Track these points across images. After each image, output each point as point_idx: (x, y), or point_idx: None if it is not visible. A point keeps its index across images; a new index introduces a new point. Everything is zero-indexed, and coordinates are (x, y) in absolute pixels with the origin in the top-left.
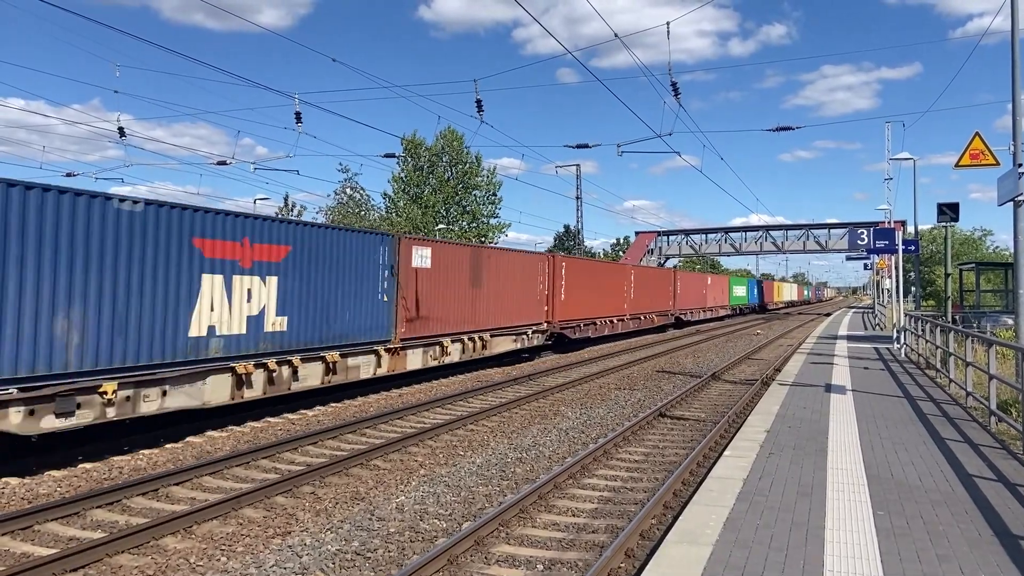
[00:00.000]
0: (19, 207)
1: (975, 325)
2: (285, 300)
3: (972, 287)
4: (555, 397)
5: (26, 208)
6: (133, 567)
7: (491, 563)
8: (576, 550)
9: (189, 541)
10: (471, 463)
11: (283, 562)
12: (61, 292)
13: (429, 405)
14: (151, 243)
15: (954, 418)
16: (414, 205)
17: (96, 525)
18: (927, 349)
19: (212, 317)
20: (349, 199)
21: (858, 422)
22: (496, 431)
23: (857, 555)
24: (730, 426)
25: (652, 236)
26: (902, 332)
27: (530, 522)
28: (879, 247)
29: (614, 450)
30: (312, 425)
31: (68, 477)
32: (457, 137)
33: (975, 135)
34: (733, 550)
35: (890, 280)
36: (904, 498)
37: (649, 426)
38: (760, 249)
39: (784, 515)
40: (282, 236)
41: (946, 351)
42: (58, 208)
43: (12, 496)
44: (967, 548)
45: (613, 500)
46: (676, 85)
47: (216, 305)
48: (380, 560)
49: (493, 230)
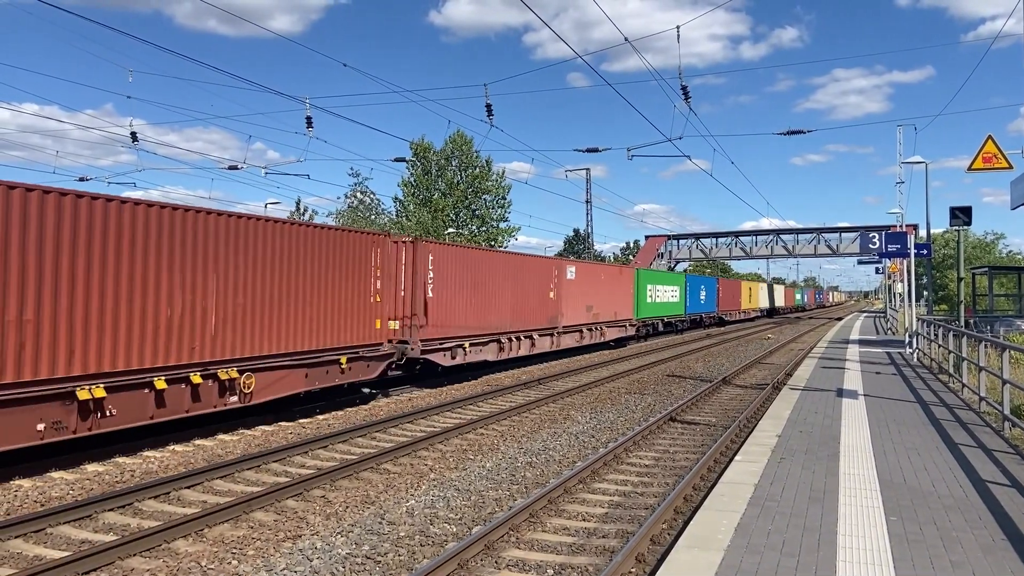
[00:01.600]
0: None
1: (988, 329)
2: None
3: (985, 291)
4: (565, 401)
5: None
6: (145, 570)
7: (501, 567)
8: (586, 555)
9: (200, 544)
10: (481, 467)
11: (294, 566)
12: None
13: (439, 409)
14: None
15: (967, 423)
16: (424, 209)
17: (108, 528)
18: (940, 353)
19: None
20: (360, 203)
21: (870, 427)
22: (506, 435)
23: (870, 561)
24: (741, 431)
25: (662, 240)
26: (914, 336)
27: (540, 526)
28: (891, 251)
29: (624, 454)
30: (323, 429)
31: (80, 480)
32: (466, 141)
33: (988, 138)
34: (745, 555)
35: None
36: (917, 503)
37: (659, 430)
38: (771, 253)
39: (796, 520)
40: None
41: (959, 355)
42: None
43: (25, 499)
44: (981, 554)
45: (623, 504)
46: (686, 89)
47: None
48: (390, 564)
49: (502, 234)
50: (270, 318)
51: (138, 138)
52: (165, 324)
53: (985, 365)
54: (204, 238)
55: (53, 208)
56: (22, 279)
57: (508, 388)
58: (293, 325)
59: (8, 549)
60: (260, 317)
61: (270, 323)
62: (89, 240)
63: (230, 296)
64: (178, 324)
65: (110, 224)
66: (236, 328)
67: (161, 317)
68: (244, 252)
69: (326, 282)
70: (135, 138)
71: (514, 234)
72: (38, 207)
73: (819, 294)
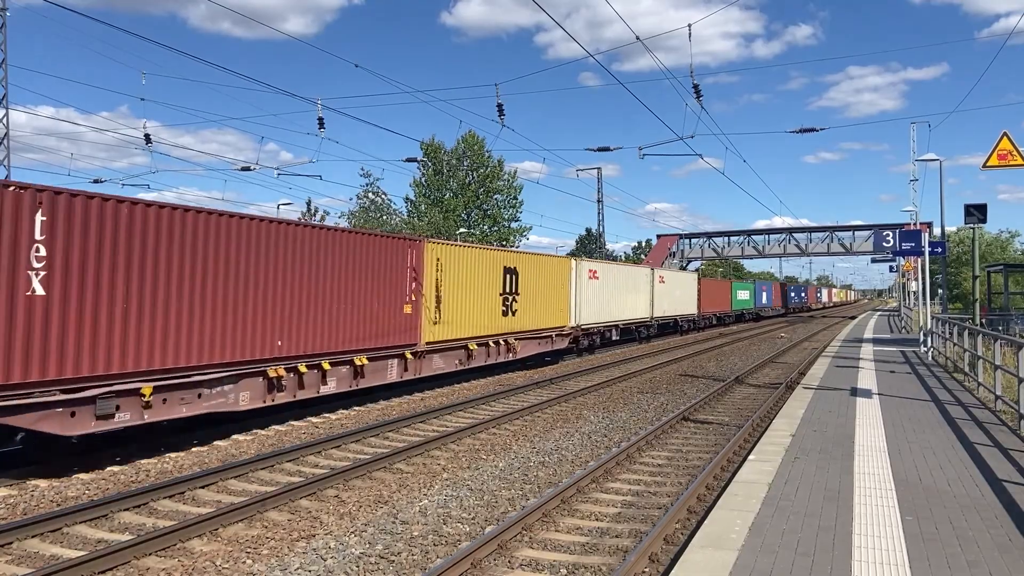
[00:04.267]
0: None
1: (1003, 328)
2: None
3: (1000, 289)
4: (577, 401)
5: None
6: (160, 569)
7: (514, 567)
8: (599, 554)
9: (215, 543)
10: (493, 467)
11: (308, 565)
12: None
13: (451, 408)
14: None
15: (983, 422)
16: (435, 209)
17: (124, 527)
18: (955, 352)
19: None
20: (371, 203)
21: (885, 426)
22: (518, 434)
23: (885, 560)
24: (754, 430)
25: (674, 239)
26: (929, 335)
27: (553, 526)
28: (905, 249)
29: (637, 454)
30: (335, 429)
31: (96, 480)
32: (478, 141)
33: (1003, 135)
34: (759, 555)
35: (916, 283)
36: (933, 503)
37: (672, 430)
38: (783, 252)
39: (811, 520)
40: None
41: (974, 354)
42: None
43: (41, 499)
44: (997, 554)
45: (636, 504)
46: (698, 87)
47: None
48: (404, 564)
49: (514, 233)
50: (531, 312)
51: (152, 140)
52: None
53: (1001, 364)
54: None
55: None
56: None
57: (520, 388)
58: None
59: (25, 548)
60: (528, 311)
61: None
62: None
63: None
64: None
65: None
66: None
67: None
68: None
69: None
70: (149, 140)
71: (526, 234)
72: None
73: (800, 292)
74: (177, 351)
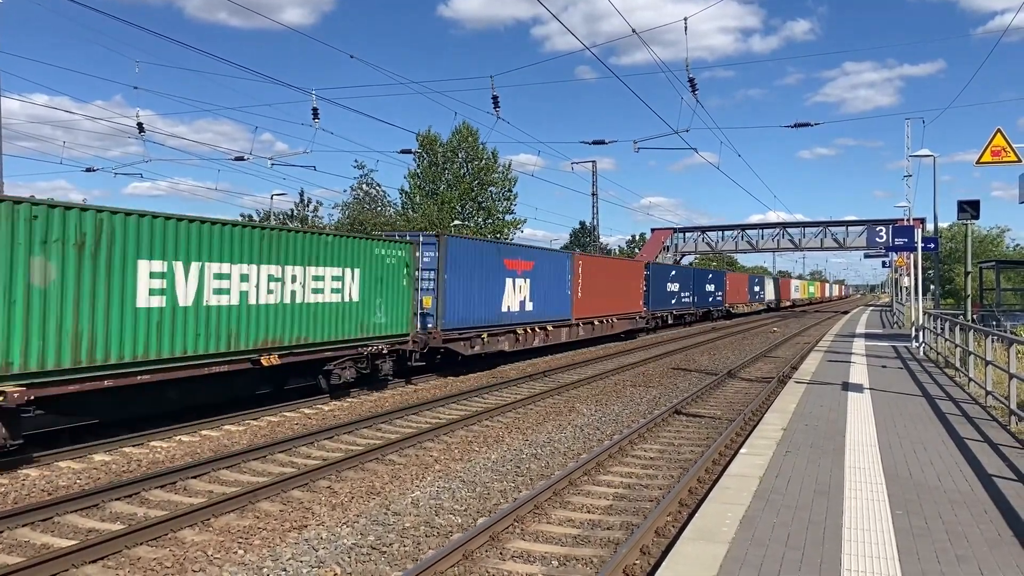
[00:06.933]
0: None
1: (995, 324)
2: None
3: (992, 285)
4: (570, 394)
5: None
6: (151, 559)
7: (506, 559)
8: (591, 546)
9: (207, 534)
10: (486, 459)
11: (299, 555)
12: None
13: (444, 401)
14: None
15: (974, 417)
16: (430, 201)
17: (115, 517)
18: (946, 348)
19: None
20: (365, 195)
21: (876, 421)
22: (511, 427)
23: (875, 554)
24: (746, 424)
25: (668, 233)
26: (921, 330)
27: (545, 518)
28: (898, 245)
29: (629, 447)
30: (328, 420)
31: (87, 469)
32: (472, 133)
33: (996, 132)
34: (750, 548)
35: (909, 278)
36: (923, 498)
37: (664, 423)
38: (777, 247)
39: (801, 514)
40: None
41: (966, 350)
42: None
43: (32, 488)
44: (987, 549)
45: (628, 497)
46: (693, 81)
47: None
48: (396, 554)
49: (508, 226)
50: (610, 300)
51: (145, 129)
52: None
53: (992, 359)
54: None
55: (590, 263)
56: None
57: (514, 380)
58: (614, 303)
59: (16, 537)
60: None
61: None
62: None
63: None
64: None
65: (595, 265)
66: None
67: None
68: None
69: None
70: (141, 129)
71: (520, 226)
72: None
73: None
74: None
